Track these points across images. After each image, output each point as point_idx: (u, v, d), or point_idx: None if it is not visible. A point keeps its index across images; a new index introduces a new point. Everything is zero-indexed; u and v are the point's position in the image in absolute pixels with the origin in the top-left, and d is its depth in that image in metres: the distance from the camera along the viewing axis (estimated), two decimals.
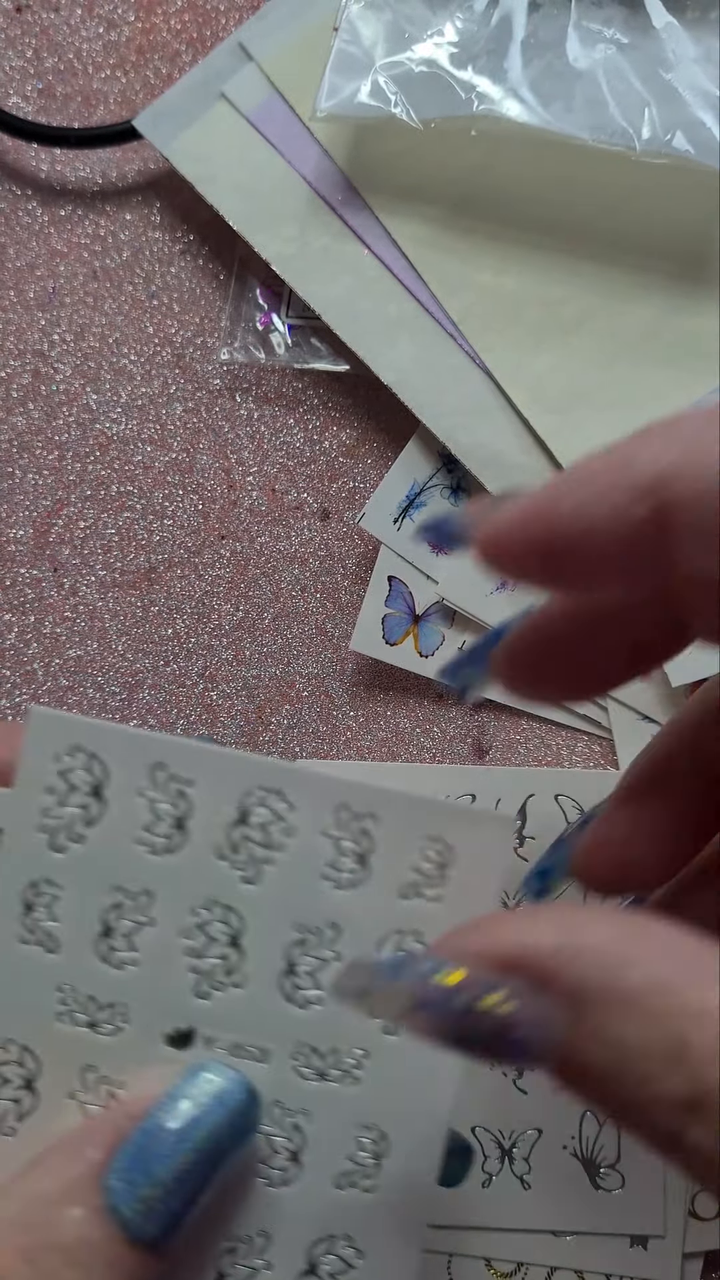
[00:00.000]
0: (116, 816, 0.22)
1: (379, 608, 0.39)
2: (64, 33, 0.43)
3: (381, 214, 0.39)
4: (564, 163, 0.37)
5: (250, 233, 0.39)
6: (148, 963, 0.23)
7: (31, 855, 0.22)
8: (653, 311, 0.38)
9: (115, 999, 0.23)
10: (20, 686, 0.40)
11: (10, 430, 0.41)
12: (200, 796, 0.22)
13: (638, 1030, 0.16)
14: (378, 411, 0.41)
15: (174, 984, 0.23)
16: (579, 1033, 0.17)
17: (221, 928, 0.23)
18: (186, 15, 0.43)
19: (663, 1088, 0.16)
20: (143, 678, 0.40)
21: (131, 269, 0.42)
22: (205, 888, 0.22)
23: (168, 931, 0.23)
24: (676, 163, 0.36)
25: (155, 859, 0.22)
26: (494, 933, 0.18)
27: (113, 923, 0.23)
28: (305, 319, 0.41)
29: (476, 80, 0.36)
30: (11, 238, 0.42)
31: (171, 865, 0.22)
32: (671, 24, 0.36)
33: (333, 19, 0.37)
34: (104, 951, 0.23)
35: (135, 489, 0.41)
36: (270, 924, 0.23)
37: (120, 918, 0.23)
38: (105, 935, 0.23)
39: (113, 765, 0.22)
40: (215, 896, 0.22)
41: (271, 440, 0.41)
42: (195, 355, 0.42)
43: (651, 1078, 0.16)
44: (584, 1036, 0.17)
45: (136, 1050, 0.23)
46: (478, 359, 0.38)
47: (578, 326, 0.38)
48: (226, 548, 0.41)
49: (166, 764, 0.22)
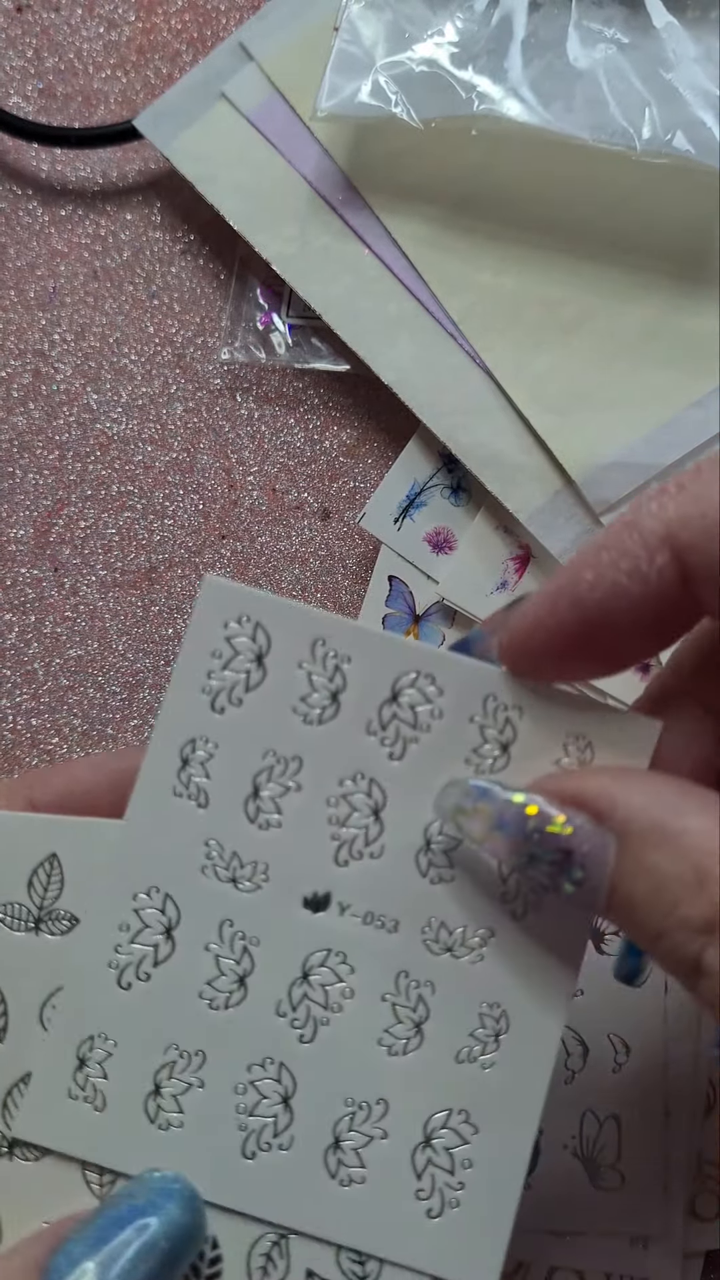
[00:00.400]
0: (275, 684, 0.23)
1: (379, 607, 0.39)
2: (64, 33, 0.43)
3: (382, 214, 0.39)
4: (564, 163, 0.37)
5: (250, 232, 0.39)
6: (292, 826, 0.23)
7: (192, 714, 0.23)
8: (653, 311, 0.38)
9: (258, 858, 0.23)
10: (20, 686, 0.40)
11: (11, 430, 0.41)
12: (355, 673, 0.23)
13: (669, 861, 0.20)
14: (378, 411, 0.41)
15: (315, 849, 0.23)
16: (623, 861, 0.21)
17: (364, 799, 0.23)
18: (187, 15, 0.43)
19: (688, 911, 0.20)
20: (143, 677, 0.40)
21: (132, 269, 0.42)
22: (353, 759, 0.23)
23: (314, 798, 0.23)
24: (677, 163, 0.36)
25: (308, 728, 0.23)
26: (564, 778, 0.22)
27: (262, 785, 0.23)
28: (306, 319, 0.41)
29: (477, 80, 0.36)
30: (12, 238, 0.42)
31: (323, 735, 0.23)
32: (672, 24, 0.36)
33: (333, 19, 0.37)
34: (251, 812, 0.23)
35: (136, 489, 0.41)
36: (412, 800, 0.23)
37: (269, 780, 0.23)
38: (254, 796, 0.23)
39: (276, 635, 0.23)
40: (361, 769, 0.23)
41: (272, 440, 0.41)
42: (196, 355, 0.42)
43: (679, 902, 0.20)
44: (627, 864, 0.21)
45: (274, 909, 0.23)
46: (478, 359, 0.38)
47: (578, 326, 0.38)
48: (227, 547, 0.41)
49: (327, 639, 0.23)
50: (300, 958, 0.23)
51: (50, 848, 0.24)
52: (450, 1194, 0.23)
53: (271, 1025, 0.23)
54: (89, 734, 0.40)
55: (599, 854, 0.21)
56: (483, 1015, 0.23)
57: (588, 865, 0.21)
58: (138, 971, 0.23)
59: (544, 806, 0.21)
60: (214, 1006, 0.23)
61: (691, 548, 0.21)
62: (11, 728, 0.40)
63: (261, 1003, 0.23)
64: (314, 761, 0.23)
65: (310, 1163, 0.23)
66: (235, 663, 0.23)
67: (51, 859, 0.24)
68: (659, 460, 0.37)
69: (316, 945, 0.23)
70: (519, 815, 0.21)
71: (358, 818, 0.23)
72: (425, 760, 0.23)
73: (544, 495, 0.38)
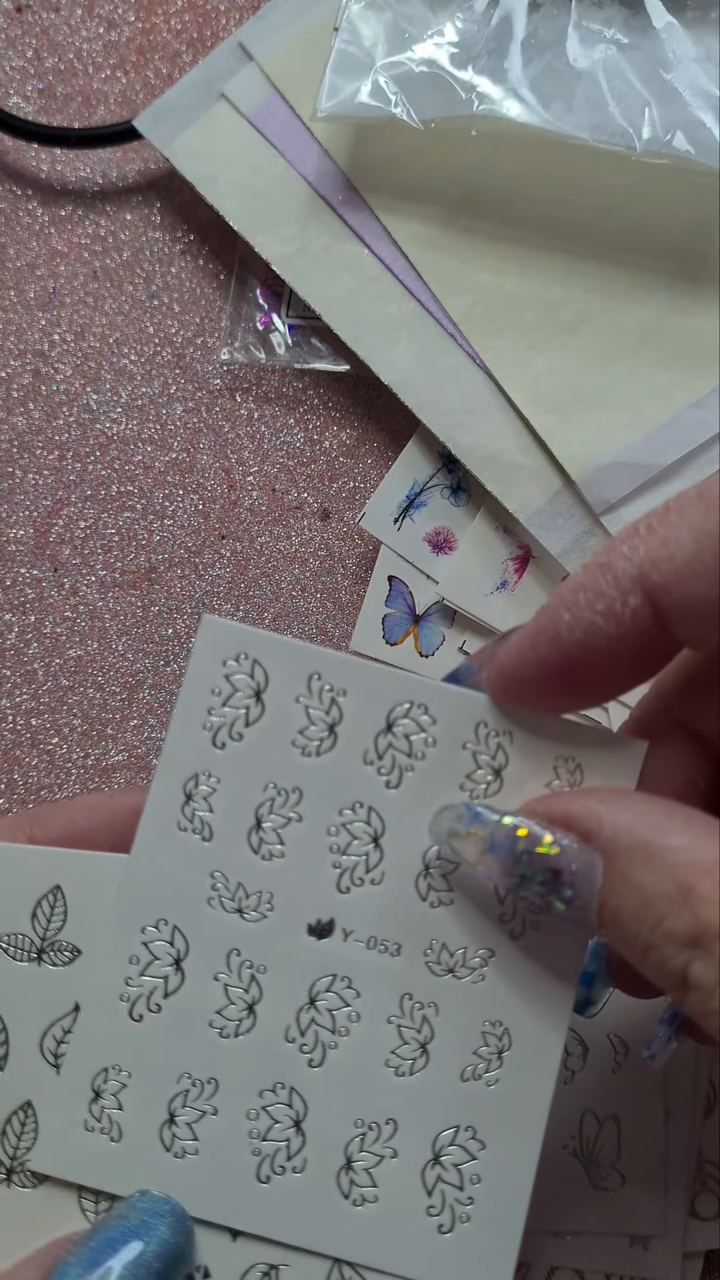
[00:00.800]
0: (274, 719, 0.24)
1: (379, 608, 0.39)
2: (64, 33, 0.43)
3: (382, 214, 0.39)
4: (564, 163, 0.37)
5: (250, 233, 0.39)
6: (294, 856, 0.24)
7: (194, 750, 0.24)
8: (653, 311, 0.38)
9: (263, 887, 0.24)
10: (20, 686, 0.40)
11: (10, 430, 0.41)
12: (351, 705, 0.24)
13: (654, 877, 0.21)
14: (378, 411, 0.41)
15: (318, 877, 0.24)
16: (610, 879, 0.21)
17: (364, 827, 0.24)
18: (187, 15, 0.43)
19: (673, 926, 0.20)
20: (143, 678, 0.40)
21: (132, 269, 0.42)
22: (352, 789, 0.24)
23: (315, 828, 0.24)
24: (676, 163, 0.36)
25: (307, 760, 0.24)
26: (553, 800, 0.23)
27: (264, 817, 0.24)
28: (305, 319, 0.41)
29: (477, 80, 0.36)
30: (12, 238, 0.42)
31: (322, 766, 0.24)
32: (672, 24, 0.36)
33: (333, 19, 0.37)
34: (255, 843, 0.24)
35: (135, 489, 0.41)
36: (409, 826, 0.24)
37: (271, 812, 0.24)
38: (257, 828, 0.24)
39: (273, 671, 0.24)
40: (360, 798, 0.24)
41: (272, 440, 0.41)
42: (196, 355, 0.42)
43: (664, 916, 0.20)
44: (614, 882, 0.21)
45: (279, 937, 0.24)
46: (478, 359, 0.38)
47: (578, 326, 0.38)
48: (227, 548, 0.41)
49: (323, 673, 0.24)
50: (307, 984, 0.24)
51: (54, 879, 0.24)
52: (460, 1209, 0.24)
53: (281, 1051, 0.24)
54: (89, 734, 0.40)
55: (587, 872, 0.21)
56: (485, 1034, 0.24)
57: (576, 884, 0.22)
58: (149, 1003, 0.24)
59: (533, 828, 0.22)
60: (224, 1035, 0.24)
61: (663, 589, 0.21)
62: (11, 728, 0.40)
63: (271, 1029, 0.24)
64: (314, 792, 0.24)
65: (323, 1184, 0.24)
66: (234, 699, 0.24)
67: (55, 890, 0.24)
68: (658, 460, 0.37)
69: (322, 971, 0.24)
70: (510, 837, 0.22)
71: (358, 845, 0.24)
72: (422, 787, 0.24)
73: (544, 495, 0.38)
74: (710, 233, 0.38)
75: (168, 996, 0.24)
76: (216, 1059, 0.24)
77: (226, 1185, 0.24)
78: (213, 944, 0.24)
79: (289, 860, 0.24)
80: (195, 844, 0.24)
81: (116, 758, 0.40)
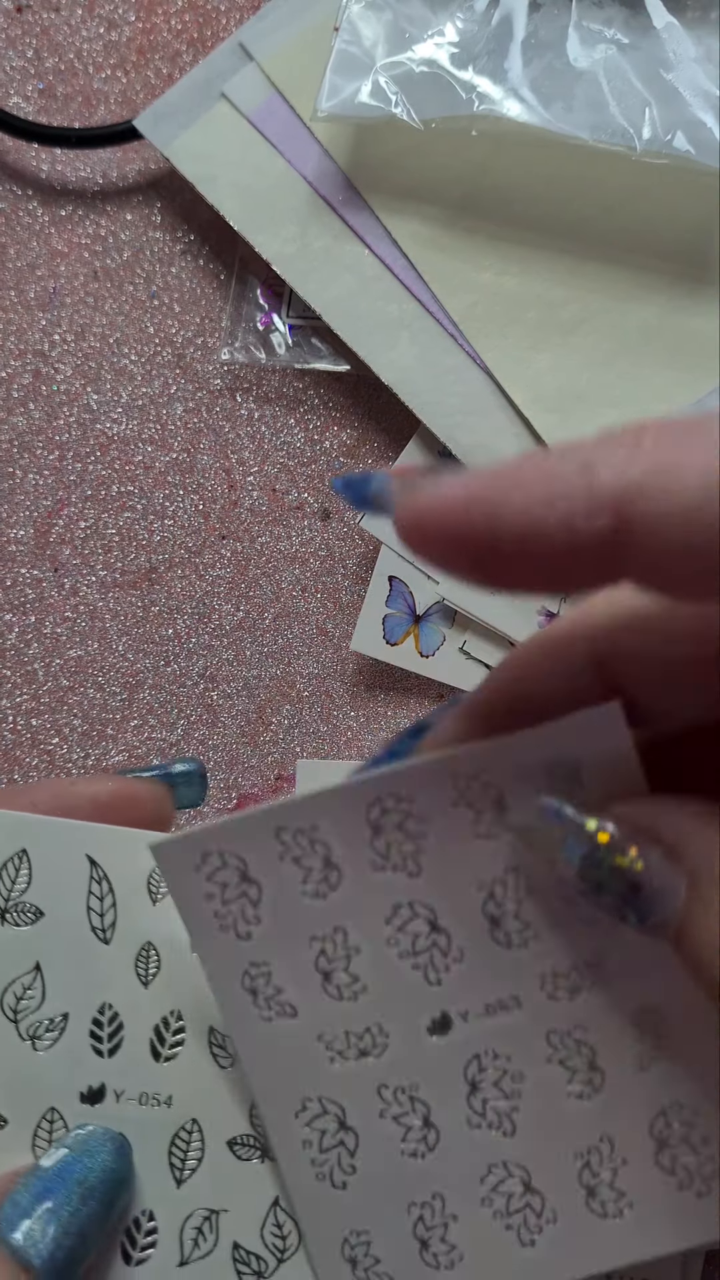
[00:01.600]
0: (274, 887, 0.24)
1: (379, 608, 0.39)
2: (64, 33, 0.43)
3: (382, 214, 0.39)
4: (564, 163, 0.37)
5: (251, 233, 0.39)
6: (374, 981, 0.24)
7: (228, 953, 0.24)
8: (653, 311, 0.38)
9: (368, 1023, 0.24)
10: (21, 686, 0.40)
11: (11, 430, 0.41)
12: (330, 834, 0.24)
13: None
14: (378, 411, 0.41)
15: (407, 986, 0.24)
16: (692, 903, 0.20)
17: (415, 924, 0.24)
18: (187, 15, 0.43)
19: None
20: (143, 678, 0.40)
21: (132, 269, 0.42)
22: (382, 899, 0.24)
23: (375, 948, 0.24)
24: (677, 163, 0.36)
25: (327, 900, 0.24)
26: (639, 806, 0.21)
27: (326, 967, 0.24)
28: (306, 319, 0.41)
29: (477, 80, 0.36)
30: (12, 238, 0.42)
31: (344, 898, 0.24)
32: (672, 24, 0.36)
33: (333, 19, 0.37)
34: (335, 993, 0.24)
35: (136, 489, 0.41)
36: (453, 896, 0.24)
37: (330, 960, 0.24)
38: (327, 980, 0.24)
39: (243, 850, 0.24)
40: (395, 900, 0.24)
41: (272, 440, 0.41)
42: (196, 355, 0.42)
43: None
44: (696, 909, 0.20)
45: (409, 1053, 0.24)
46: (478, 359, 0.38)
47: (578, 326, 0.38)
48: (227, 548, 0.41)
49: (285, 824, 0.23)
50: (459, 1075, 0.24)
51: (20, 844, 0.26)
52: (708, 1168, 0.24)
53: (474, 1140, 0.24)
54: (89, 734, 0.40)
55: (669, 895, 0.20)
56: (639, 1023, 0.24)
57: (655, 903, 0.20)
58: (341, 1170, 0.25)
59: (616, 836, 0.21)
60: (419, 1156, 0.25)
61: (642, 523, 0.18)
62: (12, 728, 0.40)
63: (455, 1130, 0.24)
64: (352, 922, 0.24)
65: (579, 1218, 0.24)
66: (229, 892, 0.24)
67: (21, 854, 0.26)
68: None
69: (465, 1056, 0.24)
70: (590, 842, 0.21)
71: (422, 940, 0.24)
72: (440, 859, 0.24)
73: None
74: (711, 233, 0.38)
75: (354, 1156, 0.25)
76: (427, 1177, 0.25)
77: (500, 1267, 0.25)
78: (361, 1093, 0.24)
79: (373, 989, 0.24)
80: (287, 1025, 0.24)
81: (116, 758, 0.40)
